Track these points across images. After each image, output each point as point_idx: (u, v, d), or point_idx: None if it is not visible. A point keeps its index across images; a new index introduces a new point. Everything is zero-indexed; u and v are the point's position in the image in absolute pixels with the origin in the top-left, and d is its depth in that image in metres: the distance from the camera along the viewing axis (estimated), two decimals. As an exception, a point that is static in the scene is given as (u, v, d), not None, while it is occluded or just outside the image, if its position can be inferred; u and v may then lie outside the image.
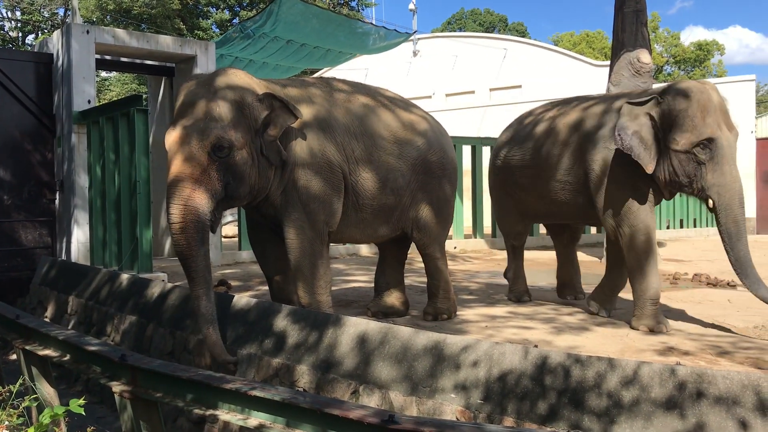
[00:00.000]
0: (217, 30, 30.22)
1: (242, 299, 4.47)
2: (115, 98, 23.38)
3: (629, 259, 4.97)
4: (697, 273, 7.98)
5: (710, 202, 4.71)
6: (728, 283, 7.24)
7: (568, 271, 6.27)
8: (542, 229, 12.69)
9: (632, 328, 4.91)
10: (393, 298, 5.58)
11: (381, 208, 4.98)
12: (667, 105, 4.72)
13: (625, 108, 4.86)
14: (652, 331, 4.79)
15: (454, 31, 41.50)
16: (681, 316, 5.39)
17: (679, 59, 39.40)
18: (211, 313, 4.01)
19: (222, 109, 4.14)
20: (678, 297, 6.32)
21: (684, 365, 2.84)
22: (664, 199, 5.13)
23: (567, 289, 6.26)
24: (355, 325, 3.74)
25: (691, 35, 76.39)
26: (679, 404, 2.65)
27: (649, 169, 4.74)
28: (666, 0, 78.65)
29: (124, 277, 5.76)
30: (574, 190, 5.34)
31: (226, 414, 2.85)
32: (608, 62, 10.43)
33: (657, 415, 2.66)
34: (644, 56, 8.63)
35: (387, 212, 5.05)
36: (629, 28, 8.77)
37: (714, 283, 7.34)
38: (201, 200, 3.98)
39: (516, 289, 6.29)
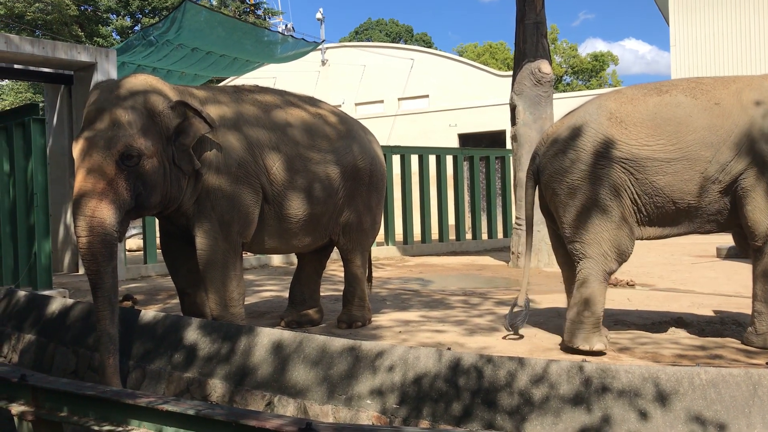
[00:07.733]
0: (118, 37, 29.26)
1: (149, 313, 4.34)
2: (9, 107, 22.21)
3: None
4: (598, 274, 8.30)
5: None
6: (627, 283, 7.60)
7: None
8: (452, 234, 12.92)
9: (746, 343, 4.38)
10: (308, 308, 5.51)
11: (307, 217, 4.87)
12: None
13: None
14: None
15: (362, 40, 41.84)
16: (585, 315, 5.60)
17: (577, 69, 41.27)
18: (113, 338, 3.85)
19: (131, 116, 4.01)
20: (581, 297, 6.56)
21: (589, 362, 2.96)
22: None
23: None
24: (269, 335, 3.69)
25: (589, 47, 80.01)
26: (585, 399, 2.77)
27: None
28: (569, 12, 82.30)
29: (21, 293, 5.46)
30: (721, 191, 4.22)
31: (137, 431, 2.76)
32: (511, 72, 10.76)
33: (565, 411, 2.77)
34: (545, 66, 8.99)
35: (314, 221, 4.95)
36: (530, 39, 9.11)
37: (614, 284, 7.68)
38: (107, 214, 3.83)
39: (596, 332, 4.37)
